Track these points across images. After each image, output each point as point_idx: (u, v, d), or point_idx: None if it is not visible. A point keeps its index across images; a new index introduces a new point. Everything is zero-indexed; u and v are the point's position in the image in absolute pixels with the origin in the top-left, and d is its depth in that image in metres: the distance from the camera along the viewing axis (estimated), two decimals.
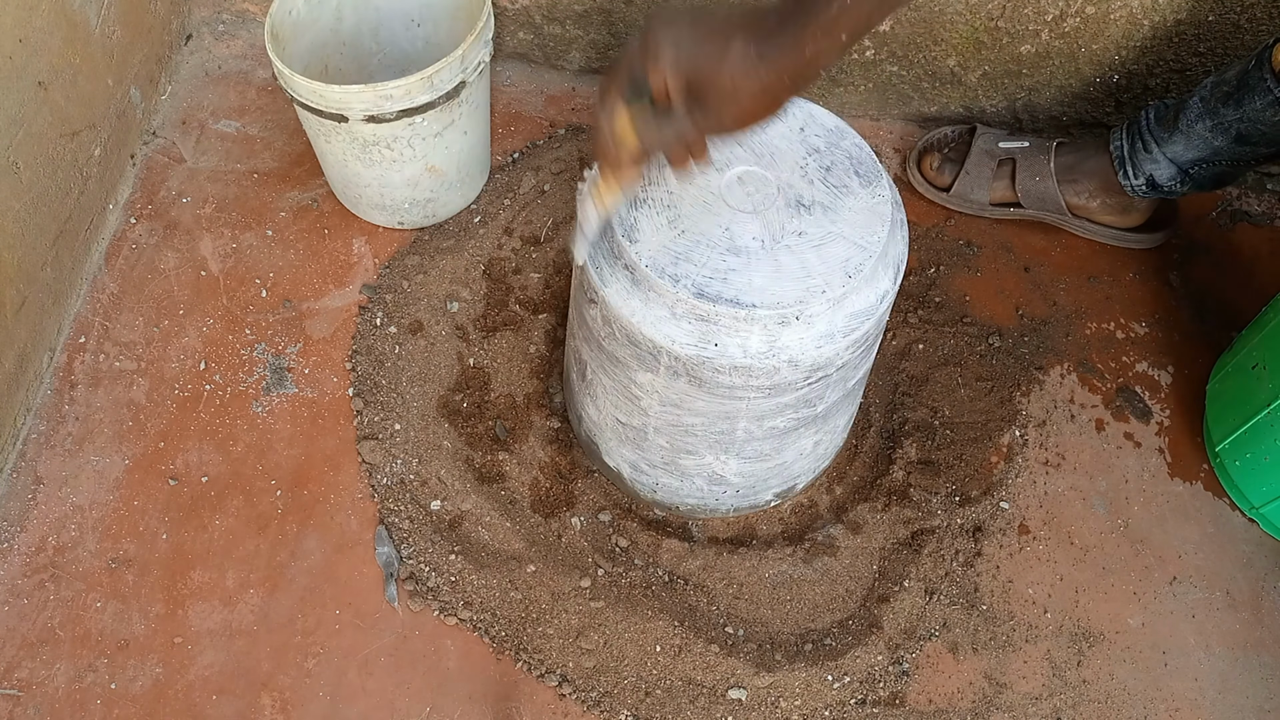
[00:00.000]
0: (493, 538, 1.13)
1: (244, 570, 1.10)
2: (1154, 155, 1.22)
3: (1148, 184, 1.24)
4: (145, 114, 1.38)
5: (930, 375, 1.25)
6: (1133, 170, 1.25)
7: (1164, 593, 1.13)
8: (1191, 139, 1.18)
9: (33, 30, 1.10)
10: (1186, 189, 1.23)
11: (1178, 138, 1.19)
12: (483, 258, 1.31)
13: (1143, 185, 1.25)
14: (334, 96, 1.11)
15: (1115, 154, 1.26)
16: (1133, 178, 1.25)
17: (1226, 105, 1.14)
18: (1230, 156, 1.18)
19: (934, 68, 1.37)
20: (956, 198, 1.36)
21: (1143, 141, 1.23)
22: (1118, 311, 1.32)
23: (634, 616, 1.08)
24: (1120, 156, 1.25)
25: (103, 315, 1.25)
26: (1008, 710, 1.06)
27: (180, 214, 1.33)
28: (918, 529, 1.15)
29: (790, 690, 1.05)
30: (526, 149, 1.41)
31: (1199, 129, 1.17)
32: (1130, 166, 1.25)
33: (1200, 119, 1.17)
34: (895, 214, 0.93)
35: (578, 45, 1.44)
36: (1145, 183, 1.24)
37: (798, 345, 0.87)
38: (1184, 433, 1.23)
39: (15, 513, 1.12)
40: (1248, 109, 1.12)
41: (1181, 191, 1.24)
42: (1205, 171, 1.21)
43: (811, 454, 1.09)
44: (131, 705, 1.02)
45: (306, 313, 1.26)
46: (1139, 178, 1.24)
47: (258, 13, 1.47)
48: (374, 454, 1.16)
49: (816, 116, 0.96)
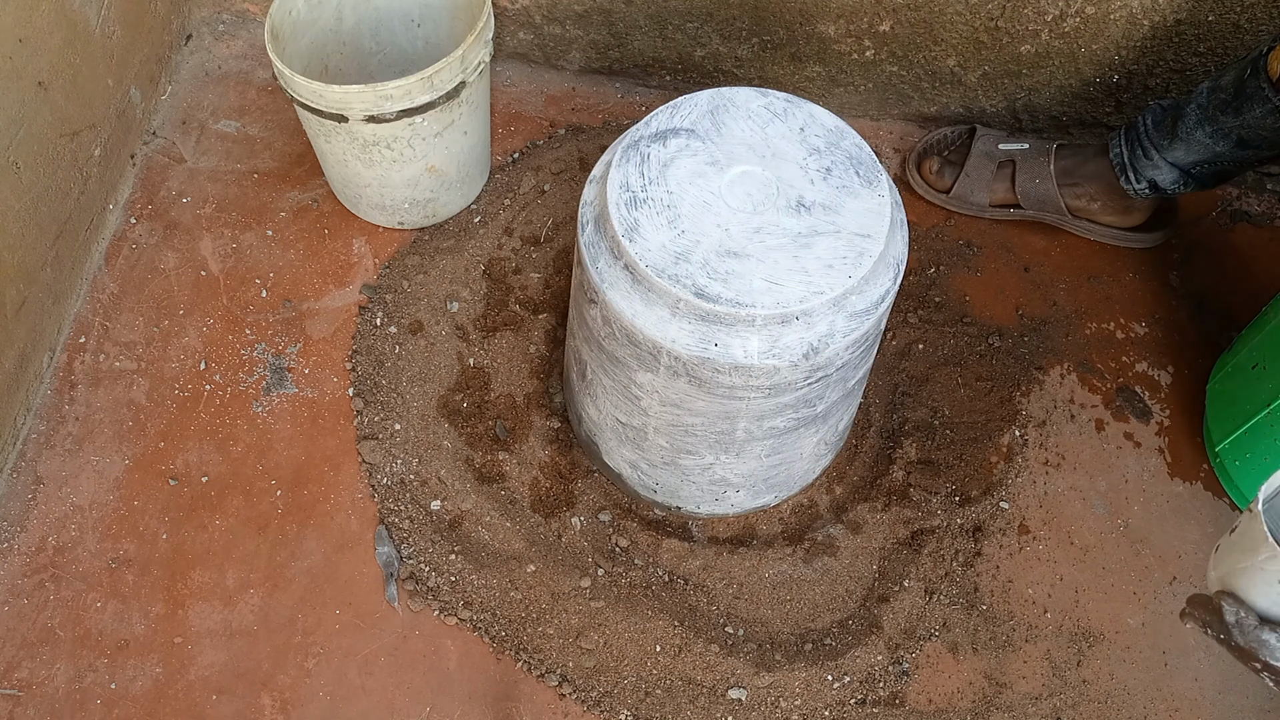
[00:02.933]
0: (493, 538, 1.13)
1: (244, 570, 1.10)
2: (1155, 161, 1.22)
3: (1150, 186, 1.24)
4: (145, 114, 1.38)
5: (930, 375, 1.25)
6: (1134, 175, 1.25)
7: (1164, 593, 1.13)
8: (1192, 145, 1.18)
9: (33, 30, 1.10)
10: (1190, 188, 1.24)
11: (1178, 144, 1.19)
12: (483, 258, 1.31)
13: (1145, 188, 1.25)
14: (334, 96, 1.11)
15: (1115, 160, 1.26)
16: (1135, 182, 1.25)
17: (1225, 113, 1.14)
18: (1232, 159, 1.18)
19: (934, 68, 1.37)
20: (956, 200, 1.36)
21: (1142, 148, 1.23)
22: (1118, 311, 1.32)
23: (634, 616, 1.08)
24: (1121, 163, 1.25)
25: (103, 315, 1.25)
26: (1008, 710, 1.06)
27: (180, 214, 1.33)
28: (918, 529, 1.15)
29: (790, 690, 1.05)
30: (526, 149, 1.41)
31: (1198, 136, 1.17)
32: (1132, 172, 1.25)
33: (1199, 126, 1.16)
34: (895, 214, 0.93)
35: (578, 45, 1.44)
36: (1148, 185, 1.24)
37: (798, 345, 0.87)
38: (1184, 433, 1.23)
39: (15, 513, 1.12)
40: (1247, 117, 1.12)
41: (1185, 190, 1.24)
42: (1207, 171, 1.21)
43: (811, 454, 1.09)
44: (131, 705, 1.02)
45: (306, 313, 1.27)
46: (1141, 182, 1.24)
47: (258, 13, 1.47)
48: (374, 454, 1.16)
49: (816, 116, 0.96)
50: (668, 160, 0.92)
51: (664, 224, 0.89)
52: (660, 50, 1.42)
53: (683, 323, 0.87)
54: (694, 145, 0.93)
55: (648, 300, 0.88)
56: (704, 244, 0.88)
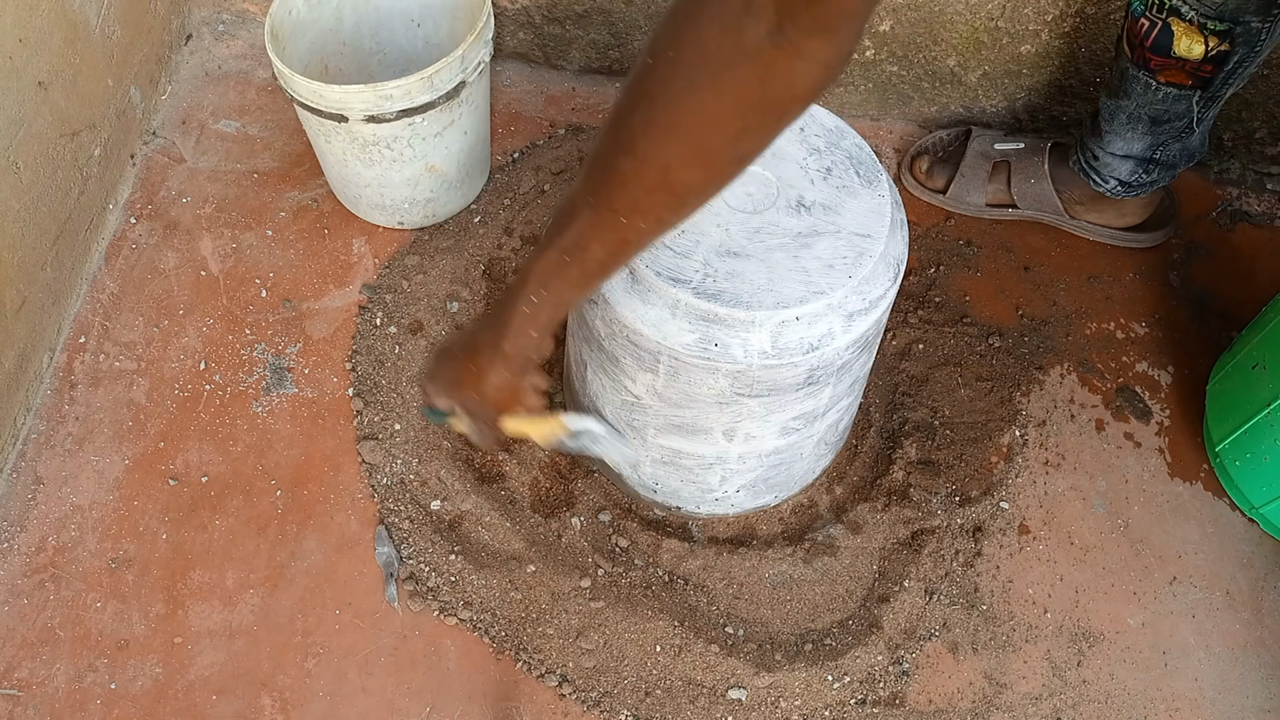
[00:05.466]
0: (493, 538, 1.13)
1: (244, 570, 1.10)
2: (1103, 159, 1.24)
3: (1119, 184, 1.25)
4: (145, 114, 1.38)
5: (930, 375, 1.25)
6: (1097, 176, 1.26)
7: (1164, 593, 1.13)
8: (1121, 134, 1.20)
9: (33, 30, 1.10)
10: (1161, 175, 1.23)
11: (1110, 137, 1.21)
12: (483, 258, 1.31)
13: (1115, 186, 1.26)
14: (334, 96, 1.11)
15: (1075, 167, 1.29)
16: (1103, 181, 1.26)
17: (1118, 98, 1.17)
18: (1166, 136, 1.19)
19: (934, 68, 1.37)
20: (952, 200, 1.36)
21: (1090, 150, 1.25)
22: (1118, 311, 1.32)
23: (634, 616, 1.08)
24: (1081, 168, 1.28)
25: (103, 315, 1.25)
26: (1008, 710, 1.06)
27: (180, 214, 1.33)
28: (918, 529, 1.15)
29: (790, 690, 1.05)
30: (526, 149, 1.41)
31: (1117, 126, 1.19)
32: (1093, 173, 1.26)
33: (1113, 116, 1.19)
34: (895, 214, 0.93)
35: (578, 45, 1.44)
36: (1117, 183, 1.25)
37: (797, 345, 0.87)
38: (1184, 433, 1.23)
39: (15, 513, 1.12)
40: (1137, 97, 1.15)
41: (1159, 179, 1.24)
42: (1163, 154, 1.21)
43: (811, 454, 1.09)
44: (131, 705, 1.02)
45: (306, 313, 1.26)
46: (1108, 180, 1.26)
47: (258, 13, 1.47)
48: (374, 454, 1.16)
49: (817, 117, 0.96)
50: None
51: None
52: None
53: (683, 323, 0.87)
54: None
55: (648, 300, 0.88)
56: (704, 244, 0.88)
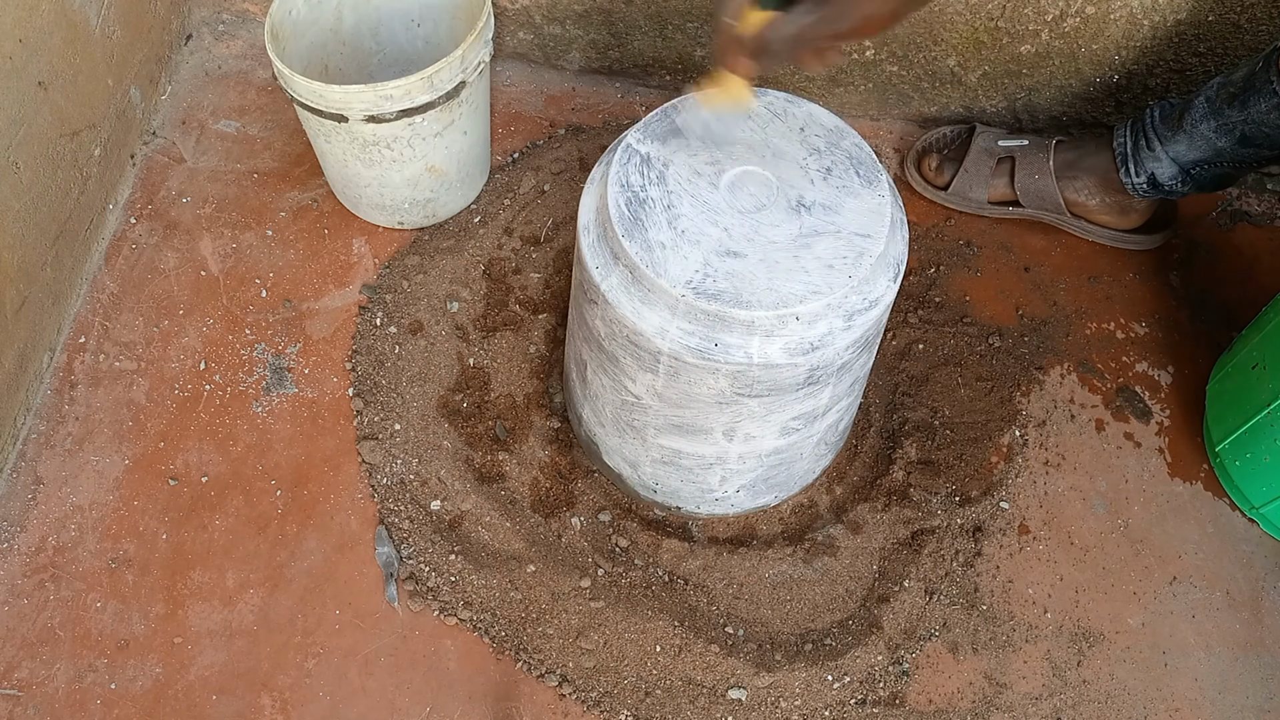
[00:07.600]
0: (493, 538, 1.13)
1: (244, 570, 1.10)
2: (1157, 153, 1.22)
3: (1149, 183, 1.24)
4: (145, 114, 1.38)
5: (930, 375, 1.25)
6: (1135, 167, 1.24)
7: (1164, 593, 1.13)
8: (1195, 139, 1.18)
9: (33, 30, 1.10)
10: (1187, 189, 1.23)
11: (1181, 137, 1.19)
12: (483, 258, 1.31)
13: (1144, 184, 1.25)
14: (334, 96, 1.11)
15: (1118, 150, 1.26)
16: (1135, 175, 1.25)
17: (1231, 106, 1.14)
18: (1233, 158, 1.18)
19: (934, 68, 1.37)
20: (955, 196, 1.36)
21: (1146, 139, 1.23)
22: (1118, 311, 1.32)
23: (634, 616, 1.08)
24: (1123, 153, 1.25)
25: (103, 315, 1.25)
26: (1008, 710, 1.06)
27: (180, 214, 1.33)
28: (918, 529, 1.15)
29: (790, 690, 1.05)
30: (526, 149, 1.41)
31: (1203, 129, 1.17)
32: (1133, 163, 1.24)
33: (1205, 119, 1.17)
34: (895, 214, 0.93)
35: (578, 45, 1.44)
36: (1147, 181, 1.24)
37: (797, 345, 0.87)
38: (1184, 433, 1.23)
39: (15, 513, 1.12)
40: (1252, 111, 1.12)
41: (1182, 192, 1.24)
42: (1207, 173, 1.21)
43: (811, 454, 1.09)
44: (131, 705, 1.02)
45: (306, 313, 1.27)
46: (1141, 175, 1.24)
47: (258, 13, 1.47)
48: (374, 454, 1.16)
49: (817, 116, 0.96)
50: (667, 160, 0.92)
51: (664, 224, 0.89)
52: (660, 50, 1.42)
53: (683, 323, 0.87)
54: (694, 145, 0.93)
55: (648, 300, 0.88)
56: (704, 244, 0.88)
